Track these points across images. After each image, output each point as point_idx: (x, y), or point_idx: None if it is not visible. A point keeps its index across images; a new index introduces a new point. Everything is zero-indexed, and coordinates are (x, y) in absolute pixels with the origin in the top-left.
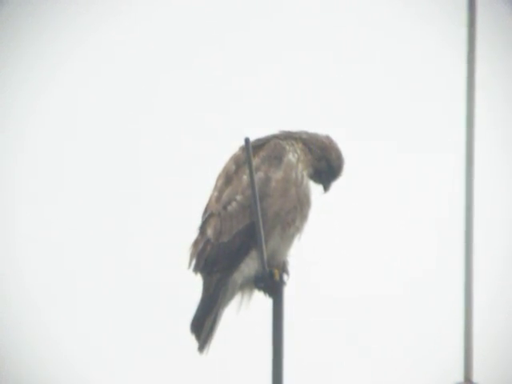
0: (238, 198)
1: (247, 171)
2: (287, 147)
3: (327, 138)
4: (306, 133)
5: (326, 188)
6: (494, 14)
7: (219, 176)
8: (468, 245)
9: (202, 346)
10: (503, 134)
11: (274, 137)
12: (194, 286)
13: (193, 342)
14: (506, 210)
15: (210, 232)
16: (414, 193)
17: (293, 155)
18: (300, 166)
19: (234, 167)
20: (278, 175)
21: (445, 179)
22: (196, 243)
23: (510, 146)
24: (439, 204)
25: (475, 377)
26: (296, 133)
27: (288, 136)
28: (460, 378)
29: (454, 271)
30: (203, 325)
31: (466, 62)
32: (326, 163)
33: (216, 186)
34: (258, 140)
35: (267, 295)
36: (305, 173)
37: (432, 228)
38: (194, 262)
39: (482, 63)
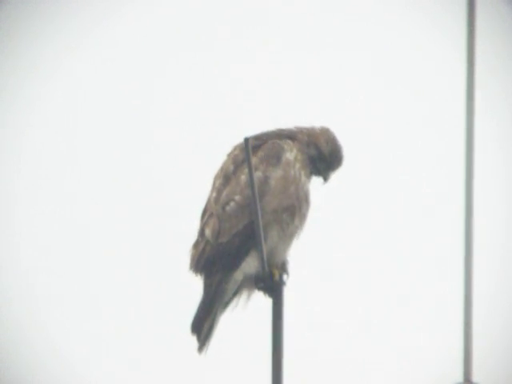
0: (237, 198)
1: (246, 171)
2: (285, 146)
3: (321, 127)
4: (297, 127)
5: (324, 178)
6: (494, 14)
7: (217, 176)
8: (468, 245)
9: (201, 347)
10: (503, 133)
11: (272, 137)
12: (194, 288)
13: (193, 343)
14: (506, 209)
15: (208, 232)
16: (413, 193)
17: (290, 154)
18: (297, 165)
19: (232, 167)
20: (276, 174)
21: (444, 178)
22: (196, 245)
23: (510, 146)
24: (439, 205)
25: (475, 377)
26: (288, 130)
27: (283, 135)
28: (460, 378)
29: (453, 271)
30: (203, 325)
31: (465, 62)
32: (315, 149)
33: (214, 186)
34: (257, 139)
35: (267, 295)
36: (302, 172)
37: (431, 228)
38: (194, 263)
39: (482, 63)
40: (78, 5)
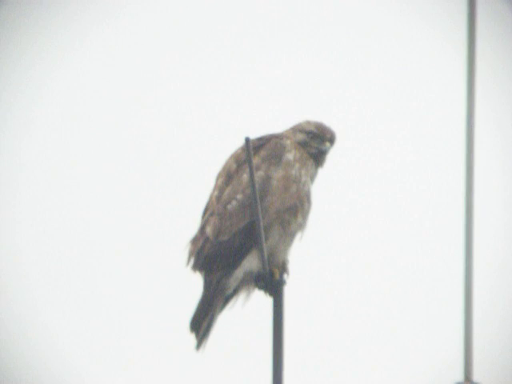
0: (239, 196)
1: (248, 170)
2: (287, 146)
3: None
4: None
5: (323, 151)
6: (494, 14)
7: (219, 175)
8: (468, 244)
9: (199, 344)
10: (503, 132)
11: (274, 136)
12: (193, 285)
13: (192, 341)
14: (506, 209)
15: (209, 230)
16: (413, 194)
17: (290, 154)
18: (297, 165)
19: (234, 166)
20: (278, 174)
21: (445, 177)
22: (195, 241)
23: (510, 145)
24: (439, 204)
25: (475, 376)
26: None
27: (284, 136)
28: (460, 377)
29: (453, 271)
30: (202, 323)
31: (466, 62)
32: (302, 133)
33: (216, 184)
34: (259, 139)
35: (267, 294)
36: (303, 172)
37: (432, 227)
38: (192, 259)
39: (482, 63)
40: (78, 5)
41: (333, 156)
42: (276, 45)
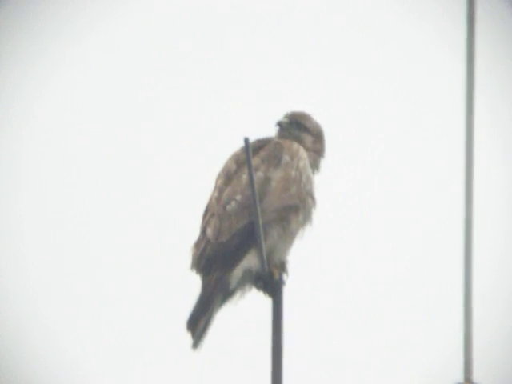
0: (238, 197)
1: (247, 171)
2: (285, 148)
3: None
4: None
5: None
6: (494, 13)
7: (219, 176)
8: (468, 245)
9: (195, 343)
10: (503, 132)
11: (273, 138)
12: (195, 286)
13: (190, 340)
14: (505, 206)
15: (209, 231)
16: (413, 192)
17: (288, 155)
18: (295, 163)
19: (234, 167)
20: (277, 175)
21: (444, 177)
22: (197, 244)
23: (509, 144)
24: (439, 203)
25: (475, 377)
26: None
27: (283, 136)
28: (460, 377)
29: (453, 271)
30: (199, 322)
31: (465, 63)
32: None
33: (216, 185)
34: (259, 141)
35: (267, 295)
36: (301, 164)
37: (432, 226)
38: (195, 262)
39: (481, 63)
40: (81, 4)
41: (333, 158)
42: (276, 45)
